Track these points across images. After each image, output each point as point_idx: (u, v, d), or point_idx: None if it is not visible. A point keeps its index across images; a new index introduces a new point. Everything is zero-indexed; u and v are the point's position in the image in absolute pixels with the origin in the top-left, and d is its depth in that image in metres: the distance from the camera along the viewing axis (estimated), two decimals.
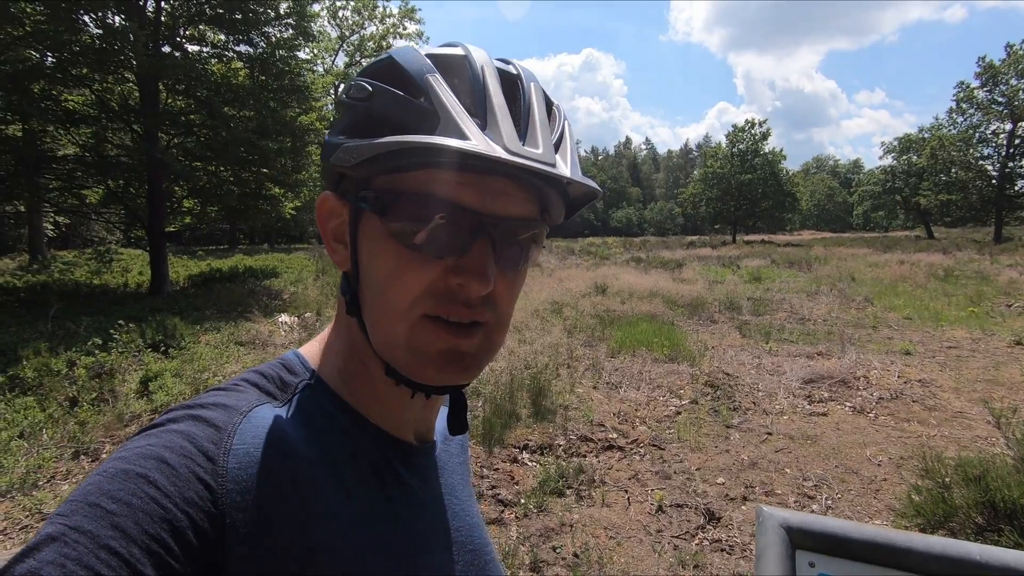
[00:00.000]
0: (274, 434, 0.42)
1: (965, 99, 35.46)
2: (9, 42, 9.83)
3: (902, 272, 14.81)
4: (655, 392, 5.52)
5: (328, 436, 0.46)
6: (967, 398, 5.27)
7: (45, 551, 0.32)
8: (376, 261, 0.45)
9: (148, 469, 0.36)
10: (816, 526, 0.77)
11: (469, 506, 0.59)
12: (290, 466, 0.41)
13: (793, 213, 46.65)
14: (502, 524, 3.22)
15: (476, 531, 0.57)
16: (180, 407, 0.42)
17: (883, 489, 3.61)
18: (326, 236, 0.50)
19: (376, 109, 0.44)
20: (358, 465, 0.47)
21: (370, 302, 0.47)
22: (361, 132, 0.44)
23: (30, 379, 5.26)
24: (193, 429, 0.40)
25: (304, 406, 0.46)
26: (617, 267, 17.23)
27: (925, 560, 0.72)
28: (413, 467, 0.52)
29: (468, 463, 0.67)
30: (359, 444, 0.48)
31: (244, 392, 0.45)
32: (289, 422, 0.44)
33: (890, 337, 7.89)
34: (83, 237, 26.70)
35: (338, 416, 0.48)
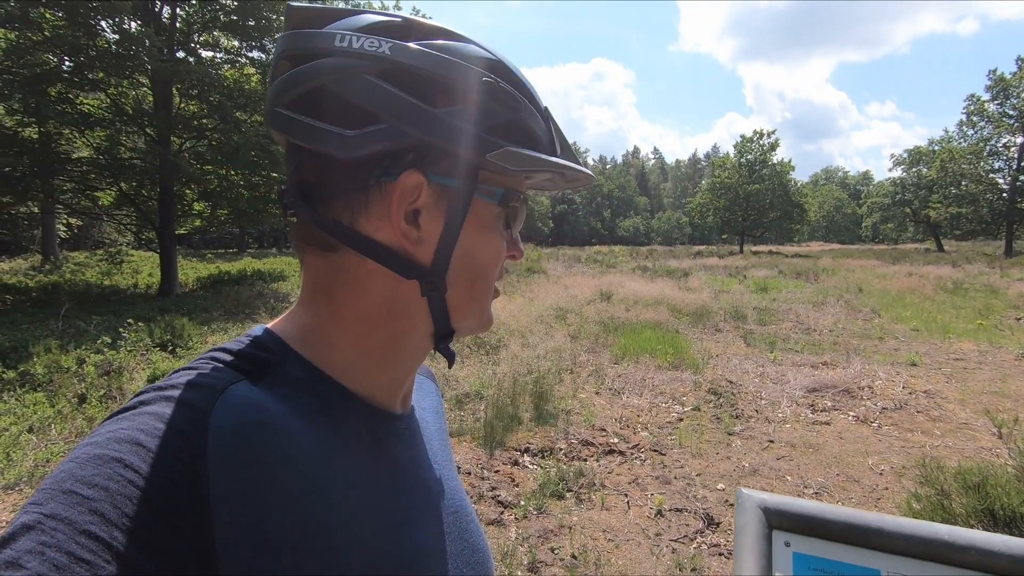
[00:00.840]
0: (252, 410, 0.41)
1: (976, 112, 35.35)
2: (29, 47, 10.06)
3: (910, 284, 14.72)
4: (657, 398, 5.53)
5: (309, 409, 0.45)
6: (972, 409, 5.24)
7: (22, 540, 0.31)
8: (482, 247, 0.50)
9: (123, 452, 0.35)
10: (792, 507, 0.80)
11: (448, 470, 0.61)
12: (271, 441, 0.40)
13: (801, 224, 46.49)
14: (501, 525, 3.24)
15: (457, 494, 0.59)
16: (151, 389, 0.41)
17: (884, 498, 3.60)
18: (395, 214, 0.46)
19: (525, 121, 0.50)
20: (341, 435, 0.46)
21: (466, 284, 0.50)
22: (512, 138, 0.49)
23: (40, 376, 5.36)
24: (167, 410, 0.38)
25: (281, 381, 0.45)
26: (623, 275, 17.23)
27: (895, 540, 0.75)
28: (396, 434, 0.53)
29: (445, 428, 0.69)
30: (341, 414, 0.47)
31: (217, 371, 0.43)
32: (267, 397, 0.43)
33: (896, 348, 7.84)
34: (95, 239, 27.04)
35: (318, 388, 0.47)
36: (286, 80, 0.46)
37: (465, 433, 4.50)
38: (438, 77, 0.46)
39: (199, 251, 31.81)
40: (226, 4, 12.56)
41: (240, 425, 0.39)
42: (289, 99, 0.46)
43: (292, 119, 0.45)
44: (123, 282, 14.40)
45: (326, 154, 0.45)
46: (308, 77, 0.45)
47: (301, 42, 0.47)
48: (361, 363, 0.50)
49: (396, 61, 0.45)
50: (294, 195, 0.48)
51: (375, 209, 0.46)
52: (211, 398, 0.40)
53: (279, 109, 0.46)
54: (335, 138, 0.44)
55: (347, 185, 0.46)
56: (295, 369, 0.47)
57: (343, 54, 0.45)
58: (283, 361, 0.47)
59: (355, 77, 0.44)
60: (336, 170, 0.46)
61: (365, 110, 0.44)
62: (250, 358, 0.46)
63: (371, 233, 0.46)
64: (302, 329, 0.49)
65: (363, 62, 0.45)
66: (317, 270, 0.49)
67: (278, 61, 0.48)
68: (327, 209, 0.47)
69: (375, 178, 0.46)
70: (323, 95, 0.45)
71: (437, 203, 0.47)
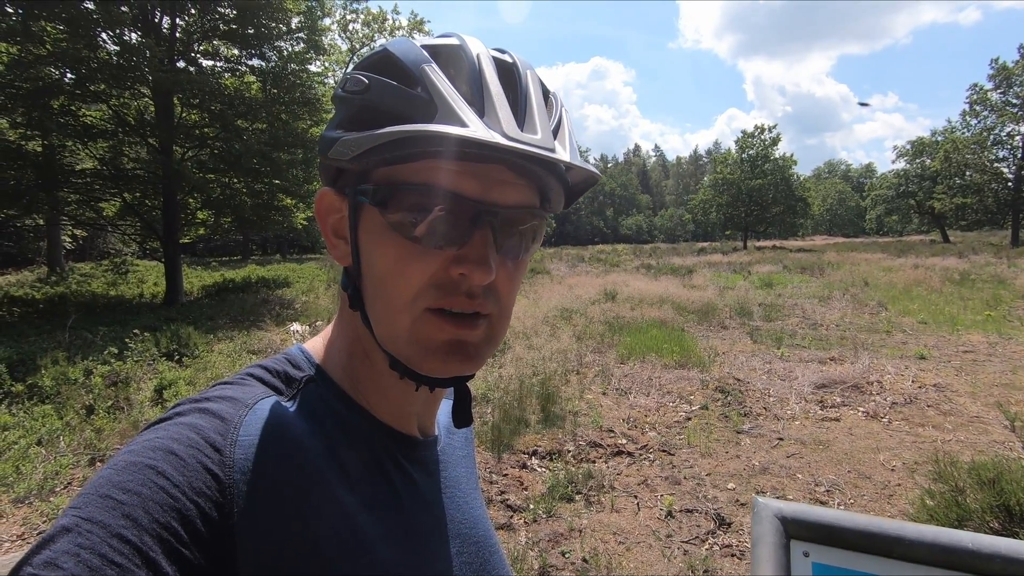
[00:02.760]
0: (279, 426, 0.42)
1: (978, 101, 35.13)
2: (31, 61, 10.11)
3: (917, 276, 14.62)
4: (665, 398, 5.50)
5: (332, 429, 0.46)
6: (983, 403, 5.19)
7: (60, 542, 0.33)
8: (377, 255, 0.45)
9: (157, 460, 0.37)
10: (810, 516, 0.78)
11: (473, 499, 0.60)
12: (295, 457, 0.42)
13: (805, 218, 46.29)
14: (511, 529, 3.22)
15: (479, 524, 0.58)
16: (187, 401, 0.43)
17: (896, 494, 3.57)
18: (326, 232, 0.50)
19: (373, 101, 0.44)
20: (361, 457, 0.47)
21: (372, 296, 0.46)
22: (359, 125, 0.44)
23: (48, 388, 5.37)
24: (200, 421, 0.40)
25: (308, 400, 0.47)
26: (627, 274, 17.20)
27: (915, 548, 0.73)
28: (416, 460, 0.52)
29: (473, 456, 0.67)
30: (362, 437, 0.48)
31: (250, 386, 0.45)
32: (293, 415, 0.44)
33: (904, 342, 7.79)
34: (100, 249, 27.17)
35: (341, 410, 0.48)
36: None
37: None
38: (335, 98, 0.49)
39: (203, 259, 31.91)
40: (225, 13, 12.60)
41: (265, 440, 0.41)
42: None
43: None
44: (129, 292, 14.46)
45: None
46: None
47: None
48: (370, 386, 0.51)
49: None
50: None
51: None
52: (242, 412, 0.42)
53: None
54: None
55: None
56: (321, 388, 0.49)
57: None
58: (311, 380, 0.49)
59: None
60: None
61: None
62: (282, 375, 0.48)
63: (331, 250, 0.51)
64: (329, 349, 0.52)
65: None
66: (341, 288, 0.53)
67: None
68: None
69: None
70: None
71: (349, 215, 0.49)
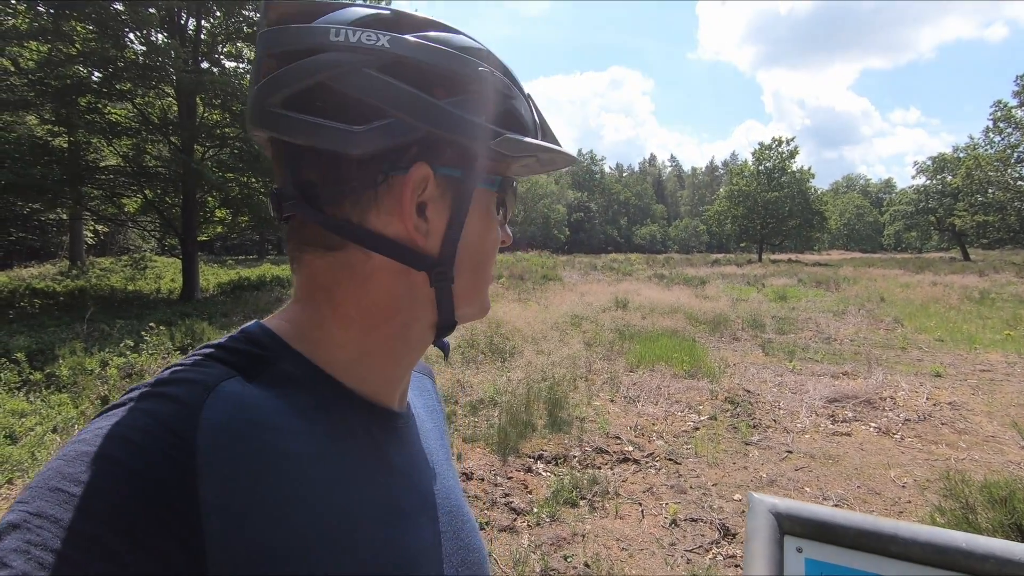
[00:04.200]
0: (246, 408, 0.40)
1: (1003, 118, 34.55)
2: (61, 60, 10.39)
3: (935, 294, 14.39)
4: (673, 407, 5.47)
5: (305, 407, 0.44)
6: (1000, 422, 5.09)
7: (7, 539, 0.31)
8: (487, 237, 0.52)
9: (111, 449, 0.35)
10: (804, 512, 0.79)
11: (446, 469, 0.60)
12: (264, 439, 0.40)
13: (821, 232, 45.76)
14: (514, 532, 3.22)
15: (453, 493, 0.58)
16: (141, 386, 0.40)
17: (907, 511, 3.51)
18: (409, 207, 0.46)
19: (517, 108, 0.51)
20: (338, 434, 0.46)
21: (470, 272, 0.51)
22: (508, 125, 0.49)
23: (65, 377, 5.48)
24: (157, 406, 0.38)
25: (277, 378, 0.44)
26: (639, 283, 17.13)
27: (910, 547, 0.73)
28: (392, 432, 0.52)
29: (444, 426, 0.68)
30: (338, 413, 0.47)
31: (209, 367, 0.42)
32: (261, 394, 0.42)
33: (920, 359, 7.66)
34: (120, 245, 27.68)
35: (315, 386, 0.46)
36: (278, 78, 0.44)
37: (479, 439, 4.50)
38: (439, 69, 0.45)
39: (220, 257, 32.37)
40: (249, 16, 12.85)
41: (232, 422, 0.38)
42: (283, 97, 0.44)
43: (290, 118, 0.44)
44: (146, 287, 14.72)
45: (331, 152, 0.44)
46: (305, 74, 0.43)
47: (291, 38, 0.44)
48: (364, 360, 0.49)
49: (396, 54, 0.44)
50: (293, 197, 0.46)
51: (385, 204, 0.46)
52: (203, 394, 0.39)
53: (273, 108, 0.44)
54: (342, 135, 0.43)
55: (355, 183, 0.45)
56: (292, 366, 0.46)
57: (340, 49, 0.44)
58: (279, 358, 0.46)
59: (356, 72, 0.43)
60: (342, 168, 0.45)
61: (369, 105, 0.43)
62: (244, 354, 0.45)
63: (381, 229, 0.46)
64: (300, 326, 0.48)
65: (363, 56, 0.44)
66: (317, 269, 0.48)
67: (263, 59, 0.46)
68: (335, 209, 0.46)
69: (384, 173, 0.45)
70: (322, 92, 0.44)
71: (443, 194, 0.48)
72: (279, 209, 0.48)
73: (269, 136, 0.46)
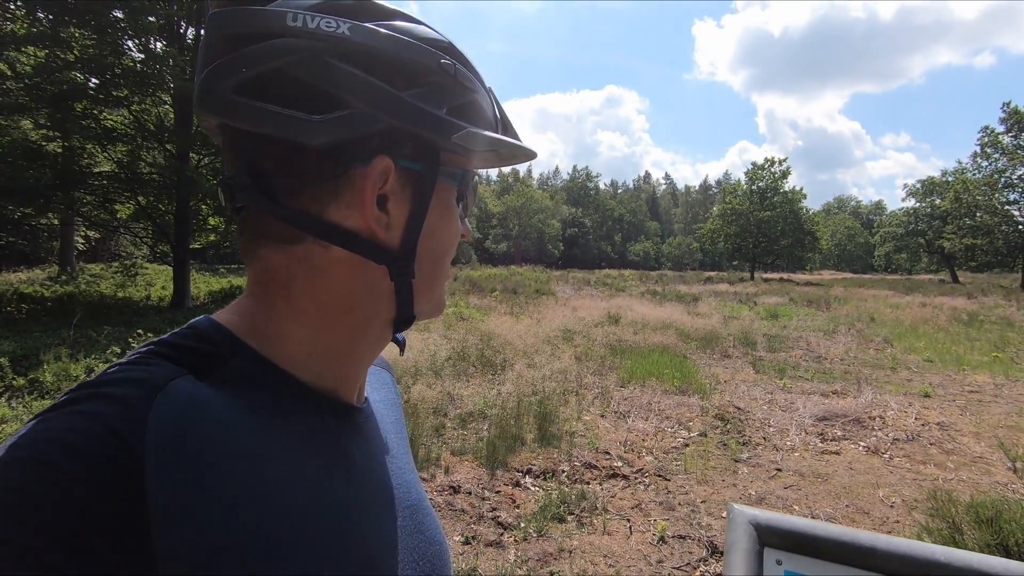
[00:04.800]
0: (196, 407, 0.38)
1: (990, 144, 35.24)
2: (58, 66, 10.40)
3: (924, 315, 14.52)
4: (663, 423, 5.45)
5: (259, 404, 0.43)
6: (987, 443, 5.10)
7: None
8: (446, 230, 0.51)
9: (50, 455, 0.32)
10: (784, 524, 0.78)
11: (405, 464, 0.59)
12: (216, 439, 0.38)
13: (813, 252, 46.22)
14: (500, 547, 3.18)
15: (413, 488, 0.57)
16: (81, 386, 0.38)
17: (895, 531, 3.50)
18: (369, 200, 0.45)
19: (479, 103, 0.50)
20: (294, 431, 0.44)
21: (428, 266, 0.50)
22: (470, 119, 0.49)
23: (49, 383, 5.41)
24: (99, 408, 0.35)
25: (229, 375, 0.43)
26: (632, 299, 17.18)
27: (890, 560, 0.73)
28: (350, 427, 0.51)
29: (402, 420, 0.67)
30: (295, 409, 0.45)
31: (155, 365, 0.40)
32: (213, 393, 0.40)
33: (909, 379, 7.71)
34: (111, 251, 27.48)
35: (270, 382, 0.45)
36: (231, 62, 0.42)
37: (467, 452, 4.46)
38: (401, 60, 0.44)
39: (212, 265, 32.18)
40: None
41: (182, 423, 0.37)
42: (236, 83, 0.42)
43: (244, 105, 0.42)
44: (136, 294, 14.59)
45: (288, 142, 0.42)
46: (261, 59, 0.41)
47: (245, 20, 0.42)
48: (321, 355, 0.48)
49: (357, 43, 0.43)
50: (247, 187, 0.44)
51: (344, 197, 0.44)
52: (150, 394, 0.37)
53: (225, 94, 0.42)
54: (300, 124, 0.41)
55: (314, 174, 0.43)
56: (245, 363, 0.44)
57: (299, 35, 0.42)
58: (232, 354, 0.44)
59: (315, 60, 0.42)
60: (300, 158, 0.43)
61: (328, 94, 0.42)
62: (194, 351, 0.43)
63: (340, 222, 0.45)
64: (254, 321, 0.46)
65: (323, 43, 0.42)
66: (272, 262, 0.46)
67: (214, 42, 0.43)
68: (292, 200, 0.44)
69: (344, 165, 0.44)
70: (279, 79, 0.42)
71: (404, 187, 0.47)
72: (231, 200, 0.46)
73: (219, 122, 0.45)
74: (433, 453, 4.33)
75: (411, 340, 7.58)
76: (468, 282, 20.22)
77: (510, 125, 0.56)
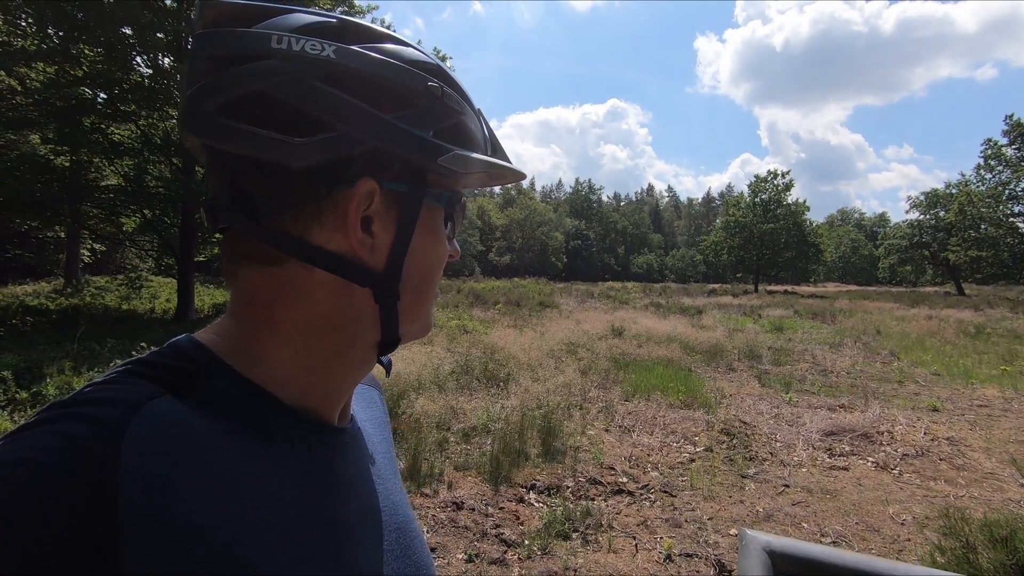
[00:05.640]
0: (176, 428, 0.37)
1: (993, 156, 35.25)
2: (67, 81, 10.54)
3: (930, 327, 14.41)
4: (669, 438, 5.40)
5: (240, 425, 0.42)
6: (998, 459, 5.03)
7: None
8: (432, 252, 0.51)
9: (19, 476, 0.32)
10: (799, 551, 0.76)
11: (392, 485, 0.58)
12: (194, 460, 0.37)
13: (817, 264, 46.11)
14: (504, 565, 3.13)
15: (400, 509, 0.57)
16: (55, 405, 0.37)
17: (906, 549, 3.43)
18: (354, 223, 0.45)
19: (467, 124, 0.50)
20: (275, 452, 0.43)
21: (416, 289, 0.50)
22: (457, 141, 0.49)
23: (52, 396, 5.40)
24: (72, 429, 0.34)
25: (210, 395, 0.42)
26: (636, 311, 17.13)
27: None
28: (335, 448, 0.50)
29: (390, 440, 0.66)
30: (276, 430, 0.45)
31: (132, 384, 0.39)
32: (192, 413, 0.39)
33: (917, 393, 7.62)
34: (117, 264, 27.65)
35: (252, 403, 0.44)
36: (214, 83, 0.42)
37: (471, 468, 4.41)
38: (387, 82, 0.45)
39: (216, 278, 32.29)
40: None
41: (158, 444, 0.36)
42: (220, 104, 0.42)
43: (227, 126, 0.42)
44: (141, 307, 14.63)
45: (271, 164, 0.42)
46: (244, 81, 0.42)
47: (230, 42, 0.43)
48: (304, 376, 0.47)
49: (343, 65, 0.43)
50: (230, 208, 0.44)
51: (328, 219, 0.44)
52: (126, 414, 0.36)
53: (208, 115, 0.42)
54: (283, 147, 0.41)
55: (297, 196, 0.43)
56: (226, 383, 0.43)
57: (283, 57, 0.42)
58: (212, 374, 0.43)
59: (299, 82, 0.42)
60: (283, 180, 0.43)
61: (312, 116, 0.42)
62: (174, 370, 0.42)
63: (324, 244, 0.44)
64: (236, 342, 0.46)
65: (307, 66, 0.42)
66: (255, 283, 0.46)
67: (199, 62, 0.43)
68: (275, 221, 0.44)
69: (327, 187, 0.44)
70: (262, 101, 0.42)
71: (389, 209, 0.47)
72: (214, 220, 0.46)
73: (203, 143, 0.44)
74: (436, 468, 4.29)
75: (414, 354, 7.56)
76: (471, 295, 20.22)
77: (499, 146, 0.56)
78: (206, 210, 0.46)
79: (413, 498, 3.84)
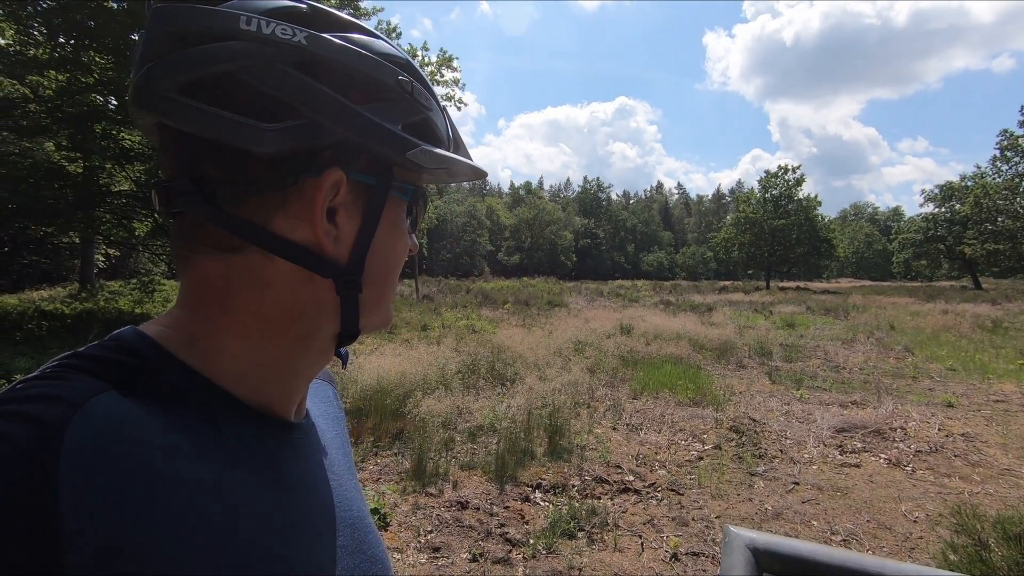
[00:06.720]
0: (119, 426, 0.35)
1: (1010, 147, 34.64)
2: (79, 89, 10.69)
3: (946, 322, 14.18)
4: (677, 436, 5.35)
5: (190, 422, 0.40)
6: (1015, 455, 4.93)
7: None
8: (395, 246, 0.50)
9: None
10: (784, 548, 0.74)
11: (346, 480, 0.57)
12: (142, 460, 0.35)
13: (830, 260, 45.60)
14: (508, 564, 3.12)
15: (354, 504, 0.56)
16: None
17: (919, 547, 3.37)
18: (320, 213, 0.44)
19: (435, 121, 0.50)
20: (228, 450, 0.42)
21: (378, 282, 0.49)
22: (424, 137, 0.49)
23: None
24: (7, 428, 0.32)
25: (157, 391, 0.40)
26: (645, 309, 17.03)
27: None
28: (288, 444, 0.49)
29: (345, 435, 0.65)
30: (229, 427, 0.43)
31: (74, 380, 0.37)
32: (139, 410, 0.37)
33: (931, 388, 7.50)
34: (131, 268, 27.98)
35: (203, 399, 0.42)
36: (177, 60, 0.40)
37: (476, 467, 4.40)
38: (358, 73, 0.44)
39: None
40: None
41: (101, 444, 0.34)
42: (181, 82, 0.40)
43: (188, 106, 0.40)
44: (153, 311, 14.79)
45: (235, 148, 0.40)
46: (211, 61, 0.40)
47: (194, 19, 0.40)
48: (258, 369, 0.46)
49: (314, 53, 0.42)
50: (187, 192, 0.42)
51: (293, 207, 0.43)
52: (67, 413, 0.34)
53: (167, 92, 0.40)
54: (250, 131, 0.40)
55: (262, 183, 0.42)
56: (176, 378, 0.42)
57: (252, 39, 0.40)
58: (161, 369, 0.41)
59: (270, 66, 0.40)
60: (248, 166, 0.41)
61: (281, 102, 0.41)
62: (118, 365, 0.40)
63: (287, 233, 0.43)
64: (186, 334, 0.44)
65: (279, 51, 0.41)
66: (209, 272, 0.44)
67: (160, 37, 0.41)
68: (236, 208, 0.42)
69: (294, 175, 0.42)
70: (229, 82, 0.40)
71: (355, 200, 0.46)
72: (167, 204, 0.44)
73: (157, 121, 0.43)
74: (441, 468, 4.28)
75: (420, 354, 7.57)
76: (480, 295, 20.24)
77: (462, 143, 0.56)
78: (159, 193, 0.44)
79: (418, 497, 3.84)
